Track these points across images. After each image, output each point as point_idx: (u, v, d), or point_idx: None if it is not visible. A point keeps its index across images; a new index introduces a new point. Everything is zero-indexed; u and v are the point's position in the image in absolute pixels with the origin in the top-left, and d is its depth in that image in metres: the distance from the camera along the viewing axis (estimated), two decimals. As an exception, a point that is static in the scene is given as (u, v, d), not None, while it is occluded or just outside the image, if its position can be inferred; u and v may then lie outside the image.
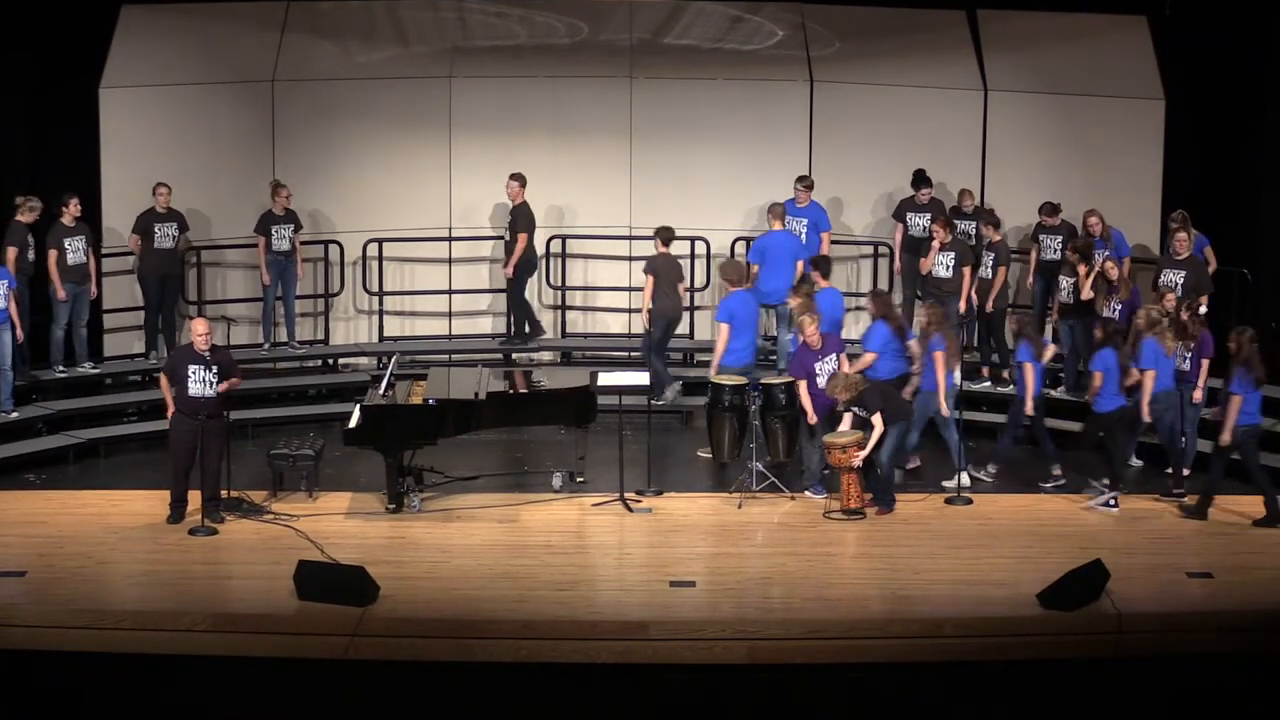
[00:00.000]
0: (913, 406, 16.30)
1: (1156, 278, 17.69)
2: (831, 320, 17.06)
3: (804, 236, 19.19)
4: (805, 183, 19.35)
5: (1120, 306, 17.53)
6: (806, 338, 16.14)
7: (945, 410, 16.47)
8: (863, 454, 15.62)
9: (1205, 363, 16.66)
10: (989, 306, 18.64)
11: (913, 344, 16.65)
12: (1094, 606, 13.66)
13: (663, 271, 18.37)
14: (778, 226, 18.66)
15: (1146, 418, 16.08)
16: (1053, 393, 18.25)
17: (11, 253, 17.64)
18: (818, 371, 16.07)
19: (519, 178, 19.45)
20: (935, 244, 18.64)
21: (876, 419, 15.61)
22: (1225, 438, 15.58)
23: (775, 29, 20.52)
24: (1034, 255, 18.95)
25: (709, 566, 14.61)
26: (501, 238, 19.71)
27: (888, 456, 15.83)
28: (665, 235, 18.47)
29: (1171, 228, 17.97)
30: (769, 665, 13.24)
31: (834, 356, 16.20)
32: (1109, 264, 17.81)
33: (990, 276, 18.57)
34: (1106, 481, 16.16)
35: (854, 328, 18.78)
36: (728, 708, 13.12)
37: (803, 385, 16.12)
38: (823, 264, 17.99)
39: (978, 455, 16.95)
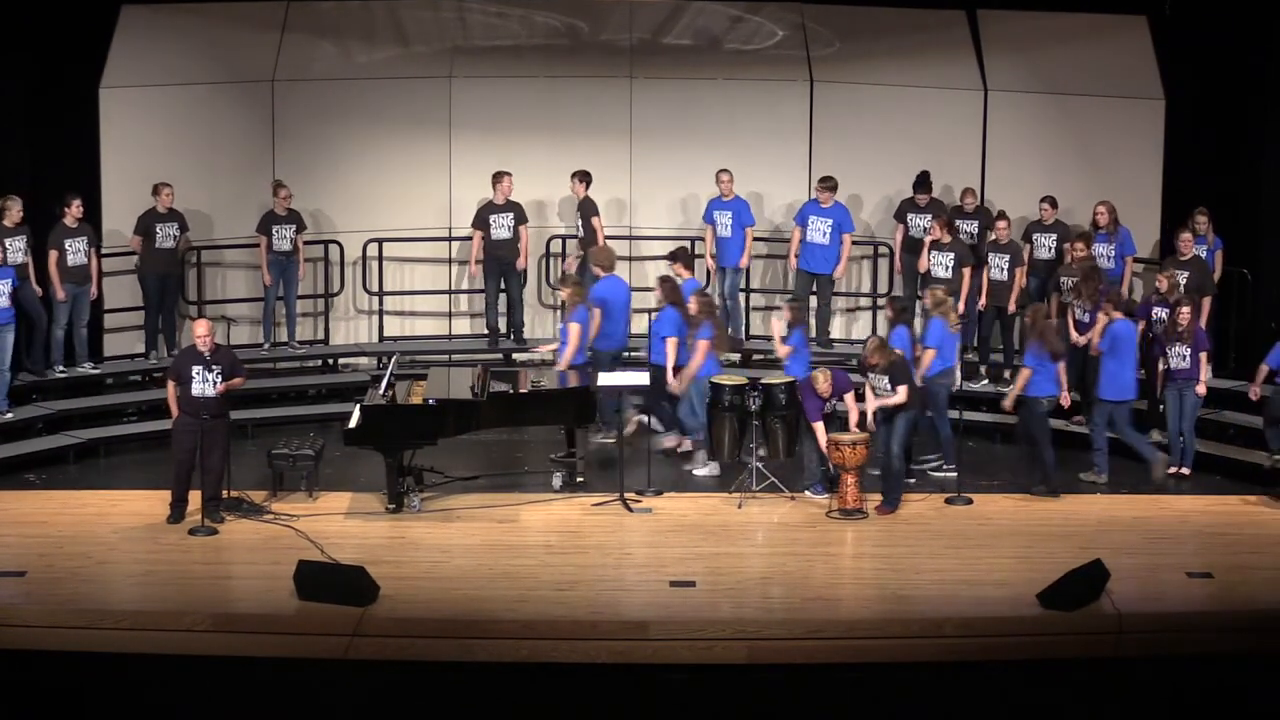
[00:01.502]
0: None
1: (1157, 280, 17.66)
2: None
3: (827, 237, 19.20)
4: (829, 184, 19.31)
5: (1088, 310, 17.64)
6: (819, 389, 16.02)
7: (675, 388, 16.78)
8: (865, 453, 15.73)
9: (1204, 356, 16.66)
10: (1011, 307, 18.61)
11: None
12: (1094, 606, 13.66)
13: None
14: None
15: (918, 382, 16.33)
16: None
17: None
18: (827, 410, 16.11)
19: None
20: (927, 240, 18.67)
21: (902, 391, 15.57)
22: (1007, 404, 16.49)
23: (775, 29, 20.52)
24: (1028, 254, 18.95)
25: (709, 566, 14.61)
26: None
27: (900, 447, 15.82)
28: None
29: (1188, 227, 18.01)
30: (769, 665, 13.23)
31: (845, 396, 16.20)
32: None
33: (1006, 278, 18.51)
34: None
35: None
36: (728, 708, 13.11)
37: (819, 425, 16.07)
38: (682, 255, 18.16)
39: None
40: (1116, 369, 16.54)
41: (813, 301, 19.55)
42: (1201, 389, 16.69)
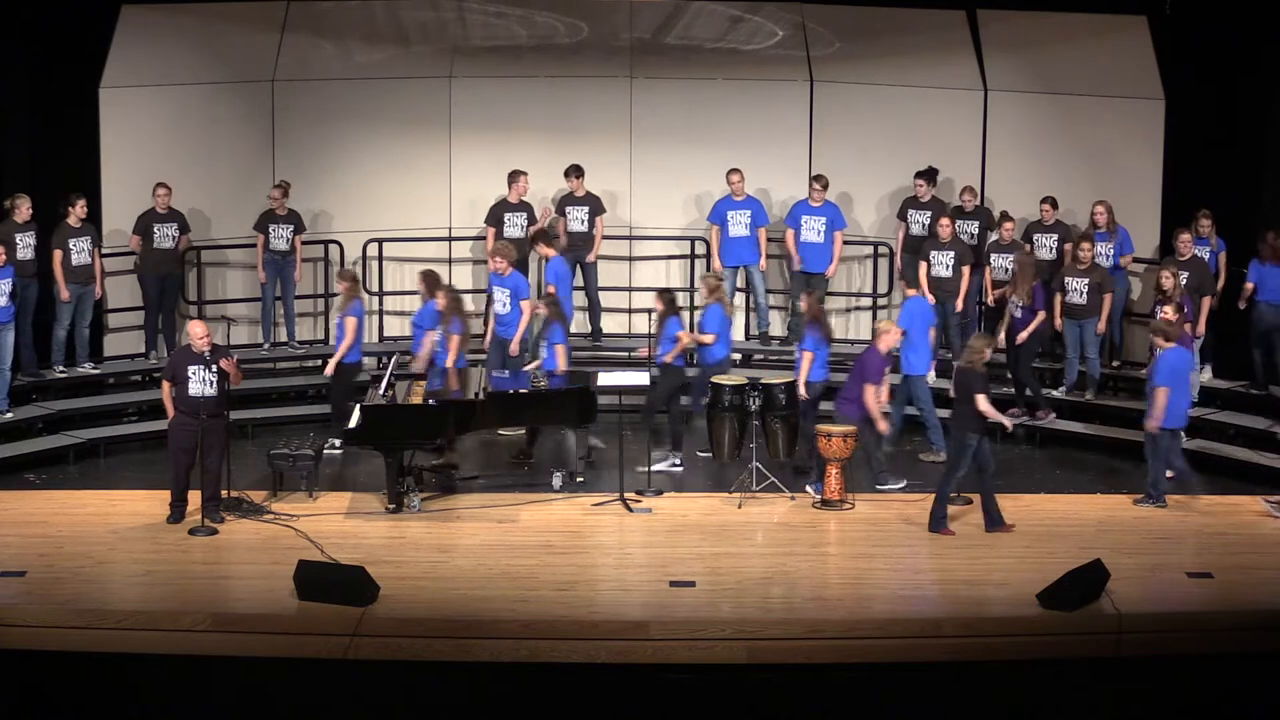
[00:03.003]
0: None
1: (1159, 276, 17.65)
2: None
3: (821, 236, 19.24)
4: (822, 181, 19.36)
5: (1022, 307, 17.80)
6: (887, 344, 16.04)
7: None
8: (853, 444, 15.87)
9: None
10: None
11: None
12: (1094, 606, 13.66)
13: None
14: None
15: (667, 359, 16.72)
16: (1054, 393, 18.26)
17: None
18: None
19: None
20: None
21: (981, 400, 15.32)
22: (803, 392, 16.56)
23: (775, 29, 20.51)
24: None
25: (709, 566, 14.61)
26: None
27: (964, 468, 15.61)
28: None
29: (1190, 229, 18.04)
30: (769, 665, 13.23)
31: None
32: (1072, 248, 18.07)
33: (1010, 278, 18.52)
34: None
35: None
36: (728, 708, 13.11)
37: (871, 390, 16.06)
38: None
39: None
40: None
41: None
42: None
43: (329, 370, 17.58)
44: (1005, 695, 13.19)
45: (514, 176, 19.46)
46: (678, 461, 17.09)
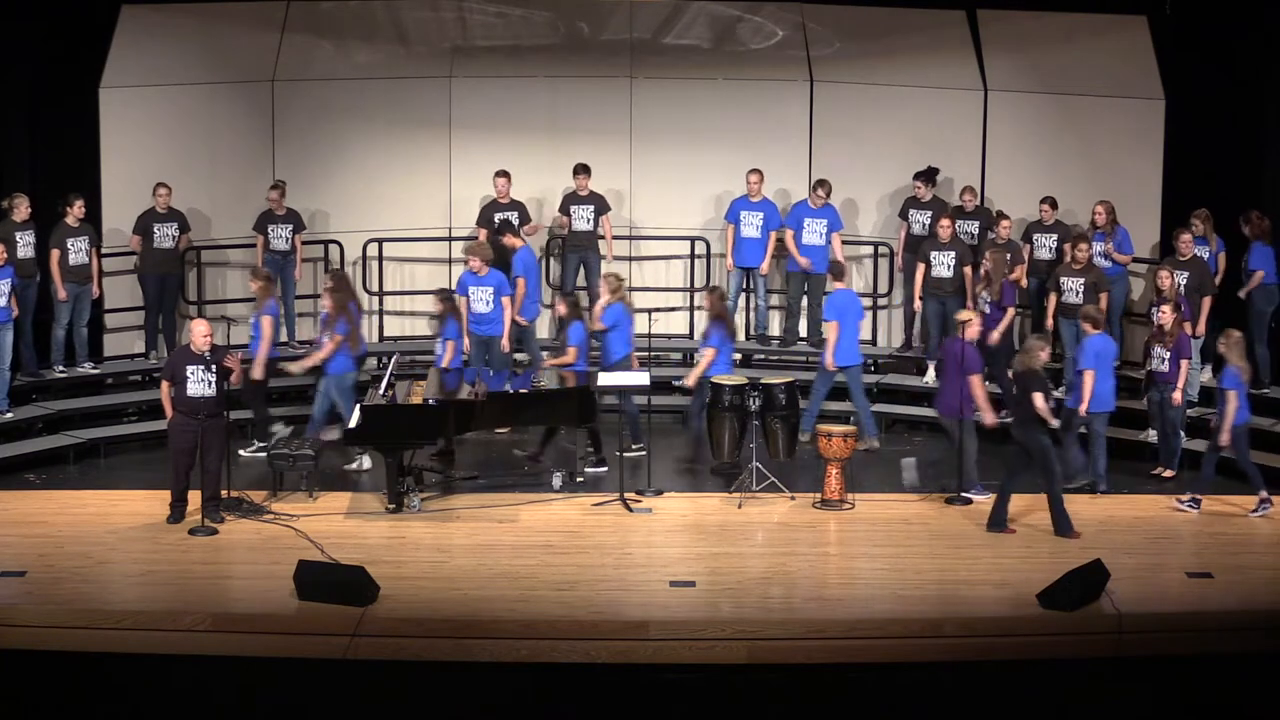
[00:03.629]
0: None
1: (1158, 276, 17.65)
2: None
3: (822, 238, 19.27)
4: (825, 187, 19.39)
5: (990, 304, 17.81)
6: (971, 333, 16.08)
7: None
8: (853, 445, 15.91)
9: (1184, 364, 16.64)
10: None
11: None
12: (1094, 606, 13.66)
13: None
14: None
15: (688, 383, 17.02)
16: (1055, 393, 18.26)
17: None
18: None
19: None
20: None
21: (1039, 399, 15.29)
22: (689, 382, 16.95)
23: (775, 29, 20.51)
24: (1028, 254, 18.95)
25: (709, 566, 14.61)
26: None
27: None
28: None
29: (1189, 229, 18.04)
30: (769, 665, 13.23)
31: None
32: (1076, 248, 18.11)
33: (984, 274, 18.56)
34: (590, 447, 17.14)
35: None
36: (728, 708, 13.11)
37: (976, 380, 16.02)
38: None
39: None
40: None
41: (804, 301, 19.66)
42: (1178, 396, 16.60)
43: (255, 373, 17.10)
44: (1005, 695, 13.18)
45: (496, 177, 19.47)
46: (596, 462, 17.06)
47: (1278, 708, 13.25)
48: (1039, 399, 15.27)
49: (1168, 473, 16.75)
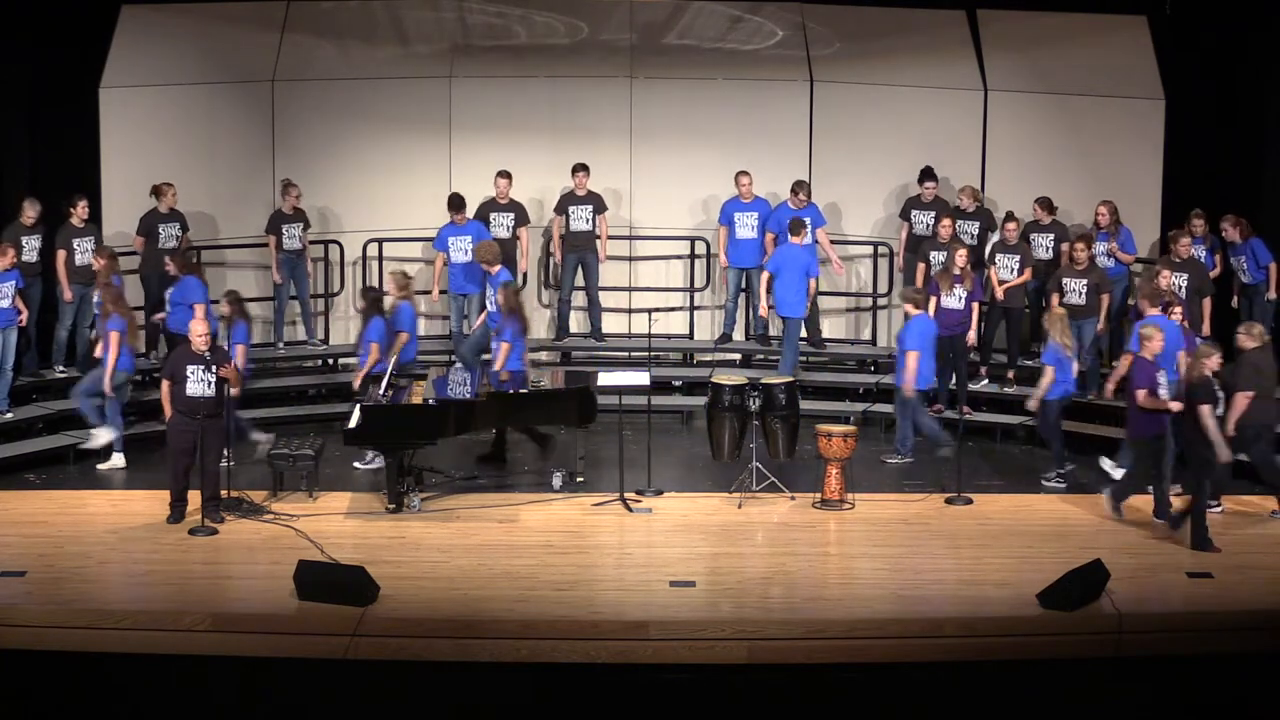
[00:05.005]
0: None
1: (1157, 277, 17.64)
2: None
3: (810, 238, 19.28)
4: (805, 188, 19.39)
5: (966, 296, 17.90)
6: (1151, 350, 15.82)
7: (108, 389, 16.65)
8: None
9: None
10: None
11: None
12: (1094, 606, 13.66)
13: None
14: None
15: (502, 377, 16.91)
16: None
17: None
18: (1160, 382, 15.70)
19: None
20: (944, 225, 18.74)
21: (1205, 412, 14.97)
22: (502, 375, 16.86)
23: (775, 29, 20.52)
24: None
25: (709, 566, 14.61)
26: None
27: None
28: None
29: (1188, 228, 18.04)
30: (769, 665, 13.23)
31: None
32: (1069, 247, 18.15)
33: (1015, 278, 18.53)
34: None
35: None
36: (728, 708, 13.11)
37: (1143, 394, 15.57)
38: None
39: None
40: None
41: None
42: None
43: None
44: (1005, 695, 13.18)
45: (497, 178, 19.48)
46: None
47: (1278, 708, 13.26)
48: (1206, 410, 15.02)
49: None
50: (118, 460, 16.98)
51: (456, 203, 19.10)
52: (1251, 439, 15.60)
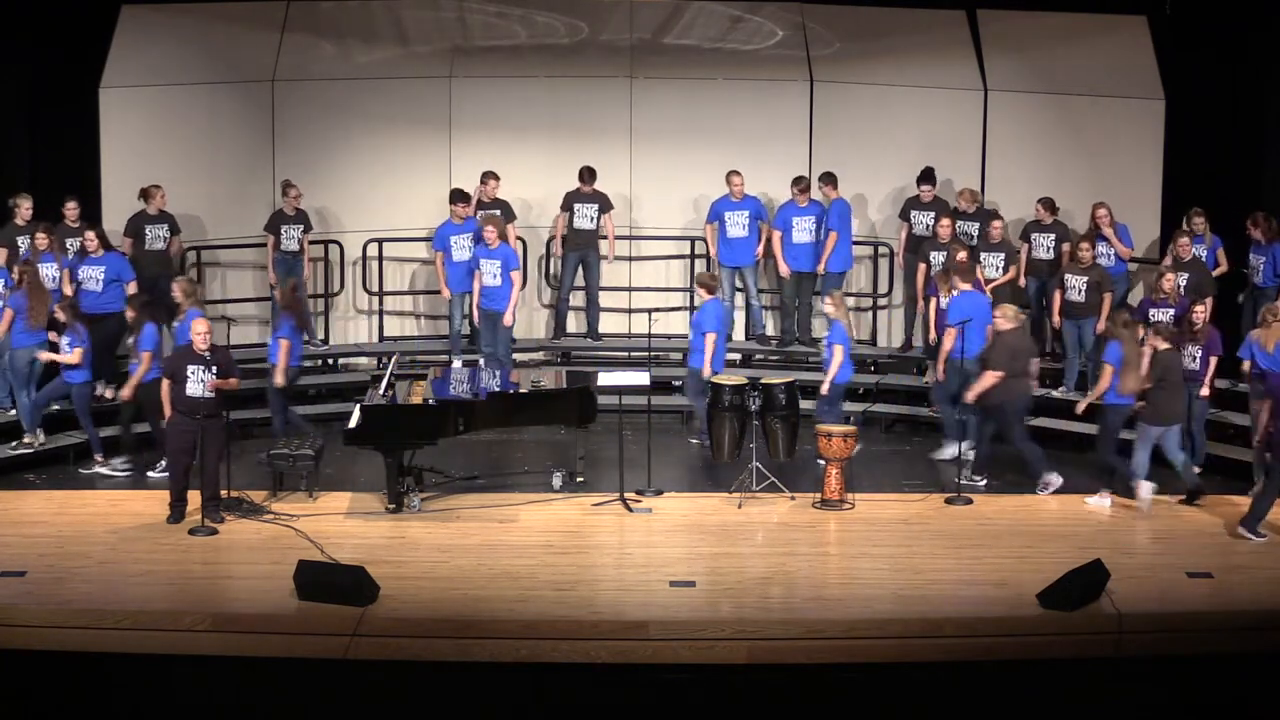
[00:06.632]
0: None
1: (1160, 277, 17.63)
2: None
3: (812, 235, 19.29)
4: (803, 184, 19.42)
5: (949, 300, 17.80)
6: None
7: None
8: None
9: (1214, 360, 16.66)
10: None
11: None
12: (1094, 606, 13.66)
13: None
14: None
15: (278, 382, 16.92)
16: (1054, 393, 18.25)
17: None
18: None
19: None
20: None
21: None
22: (279, 380, 16.88)
23: (775, 29, 20.52)
24: (1024, 254, 18.95)
25: (709, 566, 14.61)
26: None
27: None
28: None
29: (1186, 229, 18.04)
30: (769, 665, 13.23)
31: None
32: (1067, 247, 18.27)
33: (1000, 276, 18.54)
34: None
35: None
36: (728, 708, 13.11)
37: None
38: None
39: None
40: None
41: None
42: (1205, 391, 16.65)
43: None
44: (1005, 695, 13.19)
45: (484, 178, 19.46)
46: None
47: (1278, 708, 13.26)
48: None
49: (1195, 469, 16.71)
50: (118, 462, 16.95)
51: (460, 196, 19.04)
52: (1011, 417, 16.27)
